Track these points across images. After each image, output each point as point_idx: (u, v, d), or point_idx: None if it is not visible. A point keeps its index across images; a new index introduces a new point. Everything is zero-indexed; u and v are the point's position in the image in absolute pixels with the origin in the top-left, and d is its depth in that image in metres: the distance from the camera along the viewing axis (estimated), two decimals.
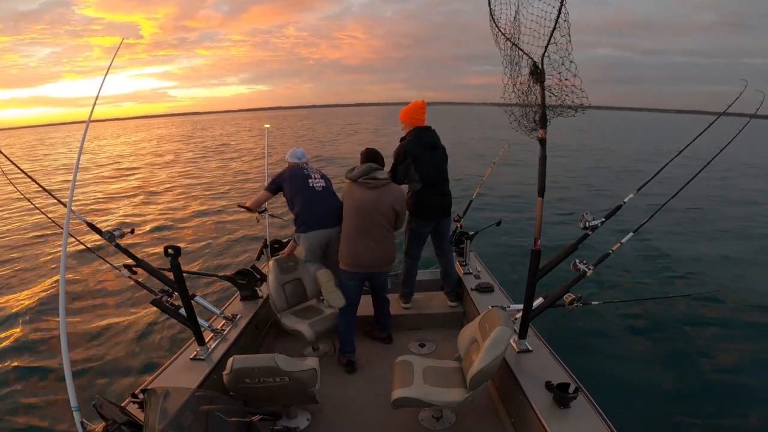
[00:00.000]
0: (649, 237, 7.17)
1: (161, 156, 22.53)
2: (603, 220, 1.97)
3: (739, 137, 1.97)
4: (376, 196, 2.56)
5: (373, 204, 2.55)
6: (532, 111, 1.99)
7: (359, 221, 2.57)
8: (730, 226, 8.48)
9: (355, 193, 2.58)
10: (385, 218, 2.59)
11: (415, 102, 2.92)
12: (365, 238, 2.59)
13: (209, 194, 12.10)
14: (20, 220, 9.51)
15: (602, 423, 1.72)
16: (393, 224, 2.67)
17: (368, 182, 2.55)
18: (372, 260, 2.64)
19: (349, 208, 2.61)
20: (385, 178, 2.59)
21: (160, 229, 8.69)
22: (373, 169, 2.59)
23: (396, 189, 2.67)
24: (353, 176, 2.59)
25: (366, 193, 2.56)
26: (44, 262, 6.91)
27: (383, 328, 3.03)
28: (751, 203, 10.72)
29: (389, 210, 2.59)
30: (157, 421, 1.37)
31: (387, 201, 2.57)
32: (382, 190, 2.58)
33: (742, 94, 1.98)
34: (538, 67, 1.80)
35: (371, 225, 2.58)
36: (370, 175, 2.56)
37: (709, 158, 1.98)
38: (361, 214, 2.57)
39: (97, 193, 12.87)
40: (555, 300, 2.12)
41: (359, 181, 2.56)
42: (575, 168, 15.27)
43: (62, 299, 1.38)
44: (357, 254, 2.62)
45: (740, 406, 3.28)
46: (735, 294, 5.20)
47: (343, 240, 2.67)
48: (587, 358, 3.79)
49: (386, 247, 2.66)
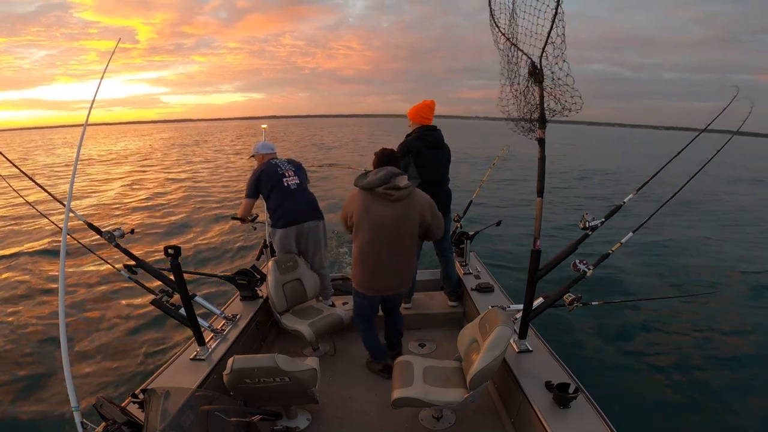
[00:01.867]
0: (649, 237, 7.18)
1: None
2: (603, 220, 1.97)
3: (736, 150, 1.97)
4: (401, 211, 2.14)
5: (398, 220, 2.14)
6: (530, 111, 1.99)
7: (377, 241, 2.17)
8: (730, 226, 8.50)
9: (371, 207, 2.13)
10: (410, 235, 2.21)
11: (424, 101, 2.96)
12: (384, 260, 2.22)
13: (209, 193, 12.11)
14: (20, 221, 9.51)
15: (602, 423, 1.72)
16: (419, 237, 2.30)
17: (389, 193, 2.10)
18: (390, 284, 2.32)
19: (363, 225, 2.17)
20: (408, 186, 2.16)
21: (161, 229, 8.69)
22: (394, 175, 2.12)
23: (422, 196, 2.24)
24: (368, 184, 2.12)
25: (387, 207, 2.12)
26: (44, 262, 6.91)
27: (393, 345, 2.69)
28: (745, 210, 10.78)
29: (416, 225, 2.20)
30: (157, 421, 1.37)
31: (414, 215, 2.18)
32: (407, 202, 2.15)
33: (734, 98, 1.98)
34: (537, 67, 1.80)
35: (391, 246, 2.18)
36: (391, 184, 2.10)
37: (709, 158, 1.99)
38: (379, 234, 2.15)
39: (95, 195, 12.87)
40: (555, 300, 2.12)
41: (378, 191, 2.10)
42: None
43: (62, 299, 1.38)
44: (373, 279, 2.29)
45: (740, 406, 3.28)
46: (735, 294, 5.21)
47: (356, 260, 2.29)
48: (587, 358, 3.80)
49: (407, 268, 2.33)
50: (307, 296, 2.93)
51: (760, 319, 4.61)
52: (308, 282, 2.92)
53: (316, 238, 3.03)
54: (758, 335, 4.31)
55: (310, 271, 2.97)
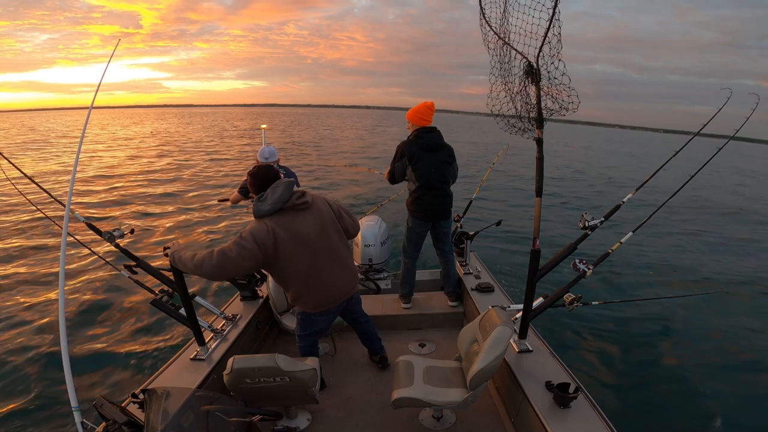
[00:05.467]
0: (649, 237, 7.18)
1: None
2: (602, 219, 1.97)
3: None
4: (317, 214, 2.05)
5: (321, 224, 2.05)
6: (527, 111, 1.99)
7: (315, 255, 2.04)
8: (730, 226, 8.50)
9: (289, 225, 1.95)
10: (338, 234, 2.15)
11: (423, 102, 2.92)
12: (330, 269, 2.10)
13: (209, 193, 12.10)
14: (20, 220, 9.51)
15: (602, 423, 1.72)
16: (345, 234, 2.21)
17: (299, 204, 1.98)
18: (347, 286, 2.22)
19: (290, 248, 1.96)
20: (305, 190, 2.07)
21: (160, 229, 8.69)
22: (290, 186, 1.98)
23: (317, 195, 2.14)
24: (273, 206, 1.92)
25: (304, 218, 2.00)
26: (44, 262, 6.90)
27: (374, 351, 2.69)
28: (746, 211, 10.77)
29: (335, 222, 2.14)
30: (157, 421, 1.37)
31: (328, 213, 2.11)
32: (314, 205, 2.06)
33: (728, 100, 1.98)
34: (533, 67, 1.80)
35: (329, 251, 2.09)
36: (296, 195, 1.98)
37: (708, 158, 2.00)
38: (314, 246, 2.02)
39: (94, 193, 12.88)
40: (555, 300, 2.12)
41: (287, 207, 1.96)
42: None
43: (61, 299, 1.39)
44: (325, 292, 2.14)
45: (741, 406, 3.28)
46: (735, 294, 5.21)
47: (295, 286, 2.08)
48: (587, 358, 3.80)
49: (351, 265, 2.26)
50: None
51: (761, 319, 4.61)
52: None
53: None
54: (759, 335, 4.31)
55: None
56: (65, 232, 1.48)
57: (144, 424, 1.37)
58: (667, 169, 1.96)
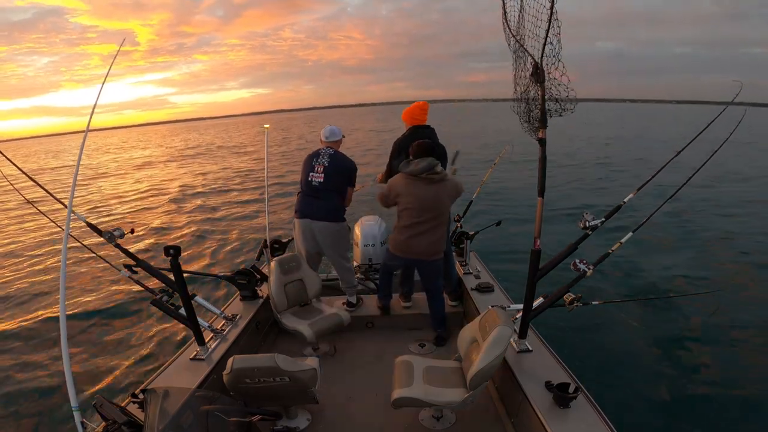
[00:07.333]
0: (649, 237, 7.17)
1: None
2: (603, 219, 1.97)
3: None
4: (438, 190, 2.63)
5: (437, 198, 2.64)
6: (533, 110, 2.00)
7: (419, 215, 2.64)
8: (730, 227, 8.49)
9: (414, 188, 2.63)
10: (443, 211, 2.70)
11: (416, 103, 3.09)
12: (422, 229, 2.67)
13: (210, 193, 12.11)
14: (19, 221, 9.51)
15: (602, 423, 1.72)
16: (448, 215, 2.81)
17: (432, 177, 2.59)
18: (421, 248, 2.72)
19: (408, 203, 2.65)
20: (444, 173, 2.66)
21: (160, 229, 8.69)
22: (434, 164, 2.61)
23: (451, 182, 2.71)
24: (413, 171, 2.60)
25: (429, 188, 2.62)
26: (44, 262, 6.91)
27: (436, 325, 2.99)
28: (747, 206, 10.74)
29: (448, 203, 2.71)
30: (157, 421, 1.37)
31: (446, 195, 2.67)
32: (441, 185, 2.65)
33: (737, 95, 1.98)
34: (539, 67, 1.81)
35: (430, 218, 2.65)
36: (433, 171, 2.59)
37: (707, 159, 1.99)
38: (422, 209, 2.63)
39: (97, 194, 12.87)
40: (555, 300, 2.12)
41: (422, 176, 2.59)
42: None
43: (62, 299, 1.38)
44: (408, 245, 2.72)
45: (741, 406, 3.28)
46: (735, 294, 5.21)
47: (397, 230, 2.76)
48: (587, 358, 3.79)
49: (440, 236, 2.74)
50: (308, 296, 2.93)
51: (761, 319, 4.60)
52: (310, 282, 2.92)
53: (324, 240, 3.01)
54: (759, 335, 4.30)
55: (312, 272, 2.97)
56: (66, 233, 1.48)
57: (144, 424, 1.38)
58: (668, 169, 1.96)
